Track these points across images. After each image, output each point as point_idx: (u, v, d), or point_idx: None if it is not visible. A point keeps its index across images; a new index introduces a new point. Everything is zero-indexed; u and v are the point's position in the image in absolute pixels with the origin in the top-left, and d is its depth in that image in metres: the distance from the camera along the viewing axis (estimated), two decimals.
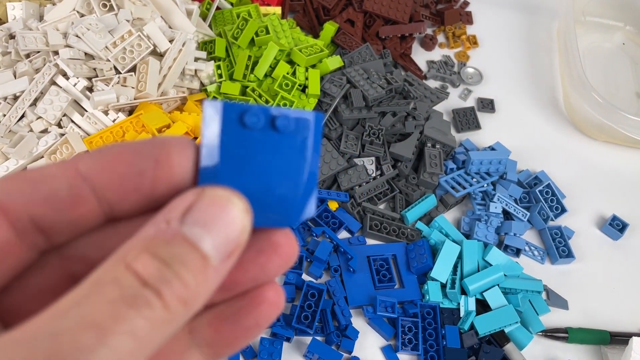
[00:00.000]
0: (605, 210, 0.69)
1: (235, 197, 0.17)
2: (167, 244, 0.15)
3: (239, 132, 0.18)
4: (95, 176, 0.17)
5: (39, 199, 0.17)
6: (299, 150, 0.19)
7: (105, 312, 0.14)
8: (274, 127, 0.19)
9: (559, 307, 0.60)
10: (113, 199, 0.17)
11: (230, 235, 0.16)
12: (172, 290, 0.15)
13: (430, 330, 0.55)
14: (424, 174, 0.64)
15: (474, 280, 0.57)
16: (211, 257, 0.16)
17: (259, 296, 0.19)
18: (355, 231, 0.61)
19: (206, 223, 0.16)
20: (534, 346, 0.57)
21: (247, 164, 0.18)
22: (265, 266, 0.19)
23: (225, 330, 0.19)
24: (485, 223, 0.62)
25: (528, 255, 0.63)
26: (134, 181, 0.17)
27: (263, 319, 0.19)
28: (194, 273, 0.15)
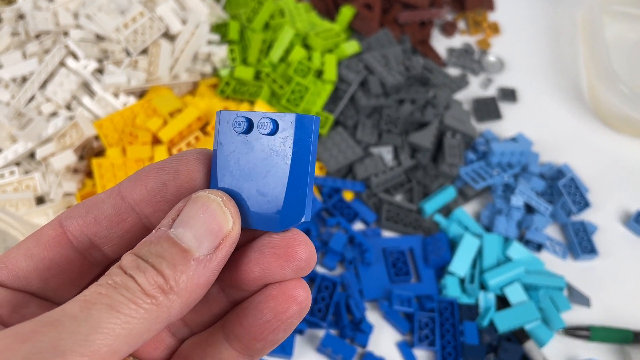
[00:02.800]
0: (629, 205, 0.66)
1: (214, 194, 0.19)
2: (149, 244, 0.18)
3: (233, 138, 0.20)
4: (131, 194, 0.20)
5: (92, 220, 0.20)
6: (282, 153, 0.20)
7: (94, 293, 0.17)
8: (257, 130, 0.20)
9: (580, 304, 0.58)
10: (148, 211, 0.20)
11: (211, 228, 0.18)
12: (146, 277, 0.17)
13: (448, 325, 0.53)
14: (443, 165, 0.62)
15: (494, 275, 0.55)
16: (192, 250, 0.18)
17: (276, 290, 0.20)
18: (370, 222, 0.59)
19: (188, 222, 0.18)
20: (555, 344, 0.55)
21: (239, 167, 0.20)
22: (269, 267, 0.20)
23: (248, 324, 0.20)
24: (506, 217, 0.60)
25: (549, 251, 0.61)
26: (161, 192, 0.20)
27: (281, 312, 0.20)
28: (171, 264, 0.17)
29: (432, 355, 0.52)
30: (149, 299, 0.17)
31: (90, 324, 0.16)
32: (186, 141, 0.54)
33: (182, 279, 0.17)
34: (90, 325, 0.16)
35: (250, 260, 0.20)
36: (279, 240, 0.20)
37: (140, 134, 0.53)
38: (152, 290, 0.17)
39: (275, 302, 0.20)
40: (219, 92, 0.62)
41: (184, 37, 0.60)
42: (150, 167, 0.20)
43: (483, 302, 0.55)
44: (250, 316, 0.20)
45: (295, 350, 0.50)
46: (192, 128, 0.54)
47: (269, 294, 0.20)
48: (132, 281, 0.17)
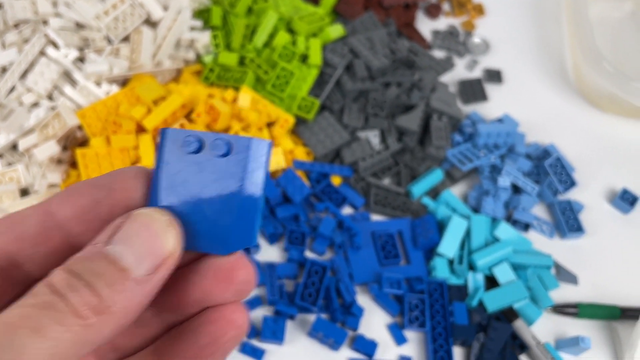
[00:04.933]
0: (615, 183, 0.67)
1: (157, 213, 0.18)
2: (84, 261, 0.17)
3: (181, 157, 0.20)
4: (60, 211, 0.19)
5: (13, 238, 0.19)
6: (235, 176, 0.19)
7: (16, 315, 0.15)
8: (209, 150, 0.19)
9: (568, 282, 0.59)
10: (78, 229, 0.19)
11: (152, 248, 0.18)
12: (78, 297, 0.16)
13: (438, 307, 0.53)
14: (430, 147, 0.62)
15: (482, 255, 0.55)
16: (131, 269, 0.17)
17: (215, 314, 0.20)
18: (359, 206, 0.59)
19: (128, 239, 0.18)
20: (543, 322, 0.55)
21: (186, 187, 0.20)
22: (210, 290, 0.20)
23: (184, 348, 0.20)
24: (493, 197, 0.60)
25: (537, 230, 0.62)
26: (93, 210, 0.19)
27: (220, 336, 0.20)
28: (108, 283, 0.17)
29: (423, 336, 0.53)
30: (80, 320, 0.16)
31: (13, 351, 0.14)
32: None
33: (119, 300, 0.17)
34: (14, 351, 0.14)
35: (190, 282, 0.20)
36: (223, 264, 0.20)
37: (124, 123, 0.52)
38: (85, 311, 0.16)
39: (214, 326, 0.20)
40: (202, 79, 0.61)
41: (165, 24, 0.60)
42: (83, 183, 0.19)
43: (472, 283, 0.55)
44: (186, 340, 0.20)
45: (287, 336, 0.50)
46: (176, 115, 0.54)
47: (208, 317, 0.20)
48: (61, 301, 0.16)
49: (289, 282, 0.54)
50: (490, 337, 0.52)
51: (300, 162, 0.58)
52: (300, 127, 0.61)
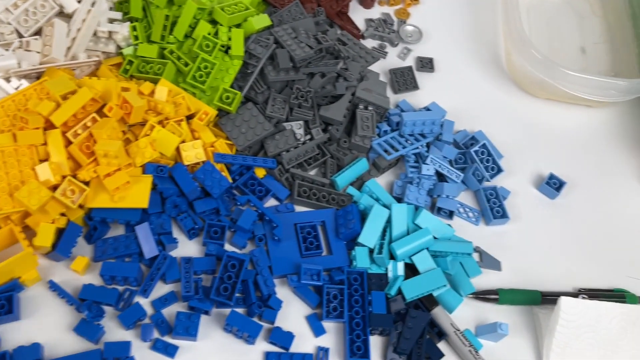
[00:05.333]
0: (543, 169, 0.67)
1: None
2: None
3: None
4: None
5: None
6: None
7: None
8: None
9: (491, 269, 0.59)
10: None
11: None
12: None
13: (357, 296, 0.53)
14: (356, 137, 0.62)
15: (402, 244, 0.55)
16: None
17: None
18: (283, 199, 0.59)
19: None
20: (465, 309, 0.56)
21: None
22: None
23: None
24: (417, 186, 0.60)
25: (462, 217, 0.62)
26: None
27: None
28: None
29: (342, 326, 0.53)
30: None
31: None
32: (82, 124, 0.52)
33: None
34: None
35: None
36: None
37: (31, 119, 0.51)
38: None
39: None
40: (121, 72, 0.60)
41: (80, 16, 0.58)
42: None
43: (392, 272, 0.55)
44: None
45: (200, 331, 0.49)
46: (87, 110, 0.53)
47: None
48: None
49: (206, 277, 0.53)
50: (407, 326, 0.52)
51: (221, 154, 0.57)
52: (222, 119, 0.60)
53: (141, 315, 0.49)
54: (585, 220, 0.65)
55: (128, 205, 0.51)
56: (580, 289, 0.59)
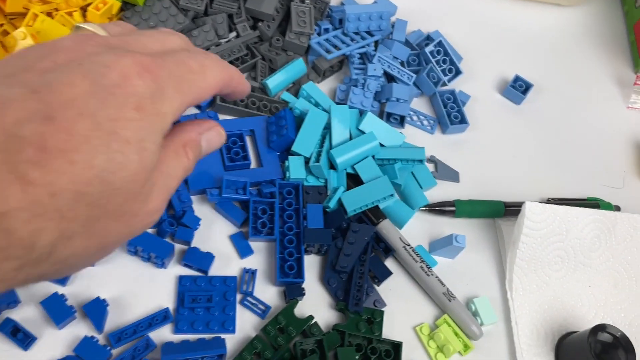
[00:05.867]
0: (508, 72, 0.59)
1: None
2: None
3: None
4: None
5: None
6: None
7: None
8: None
9: (449, 180, 0.52)
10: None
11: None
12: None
13: (290, 211, 0.45)
14: (290, 35, 0.53)
15: (342, 150, 0.47)
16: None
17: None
18: (204, 106, 0.50)
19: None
20: (417, 223, 0.48)
21: None
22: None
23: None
24: (362, 88, 0.52)
25: (415, 125, 0.54)
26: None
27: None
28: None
29: (273, 246, 0.45)
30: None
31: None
32: None
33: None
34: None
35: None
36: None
37: None
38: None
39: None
40: None
41: None
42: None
43: (332, 183, 0.47)
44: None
45: None
46: None
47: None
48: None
49: None
50: (348, 241, 0.44)
51: None
52: (127, 12, 0.50)
53: None
54: (555, 126, 0.57)
55: None
56: (549, 199, 0.52)
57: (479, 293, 0.46)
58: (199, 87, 0.27)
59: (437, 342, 0.43)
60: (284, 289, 0.43)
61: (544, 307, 0.46)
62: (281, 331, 0.41)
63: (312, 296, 0.43)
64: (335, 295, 0.43)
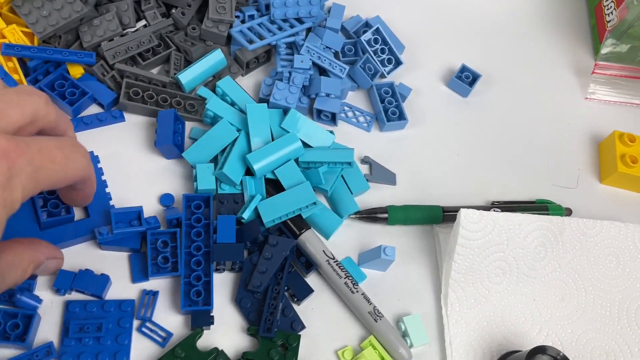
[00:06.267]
0: (454, 62, 0.54)
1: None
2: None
3: None
4: None
5: None
6: None
7: None
8: None
9: (384, 183, 0.47)
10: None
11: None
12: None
13: (199, 228, 0.40)
14: (207, 22, 0.48)
15: (260, 155, 0.42)
16: None
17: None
18: (107, 104, 0.45)
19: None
20: (347, 232, 0.44)
21: None
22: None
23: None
24: (287, 82, 0.47)
25: (350, 122, 0.49)
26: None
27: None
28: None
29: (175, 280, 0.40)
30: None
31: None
32: None
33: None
34: None
35: None
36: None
37: None
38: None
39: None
40: None
41: None
42: None
43: (248, 191, 0.42)
44: None
45: None
46: None
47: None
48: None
49: None
50: (264, 256, 0.39)
51: (11, 45, 0.42)
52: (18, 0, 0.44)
53: None
54: (505, 120, 0.53)
55: None
56: (494, 202, 0.48)
57: (412, 310, 0.42)
58: (56, 179, 0.27)
59: None
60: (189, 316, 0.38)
61: (482, 324, 0.42)
62: None
63: (222, 318, 0.39)
64: (247, 317, 0.39)
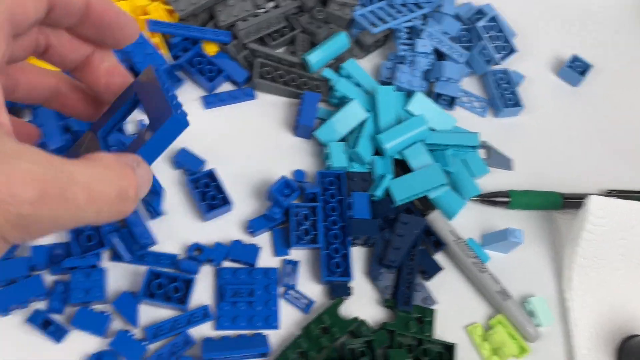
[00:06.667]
0: (564, 51, 0.55)
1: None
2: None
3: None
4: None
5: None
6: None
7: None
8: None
9: (501, 168, 0.48)
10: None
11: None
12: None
13: (334, 203, 0.42)
14: (333, 5, 0.49)
15: (390, 135, 0.43)
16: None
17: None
18: (241, 82, 0.47)
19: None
20: (468, 214, 0.45)
21: None
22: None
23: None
24: (409, 66, 0.48)
25: (466, 107, 0.50)
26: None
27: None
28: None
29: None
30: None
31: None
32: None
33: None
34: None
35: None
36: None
37: None
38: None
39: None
40: None
41: None
42: None
43: (377, 169, 0.44)
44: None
45: None
46: None
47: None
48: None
49: None
50: (397, 233, 0.41)
51: (157, 22, 0.44)
52: None
53: None
54: (616, 111, 0.53)
55: None
56: (609, 191, 0.48)
57: (533, 291, 0.43)
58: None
59: (492, 344, 0.40)
60: (328, 286, 0.40)
61: (604, 308, 0.43)
62: (324, 331, 0.38)
63: (356, 290, 0.40)
64: (382, 291, 0.40)
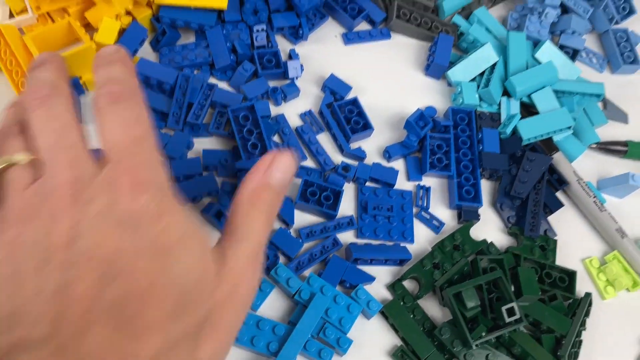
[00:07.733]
0: None
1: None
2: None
3: None
4: None
5: None
6: None
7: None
8: None
9: (617, 121, 0.50)
10: None
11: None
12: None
13: (464, 137, 0.45)
14: None
15: (522, 79, 0.46)
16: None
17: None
18: (378, 22, 0.50)
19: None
20: (585, 159, 0.48)
21: None
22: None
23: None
24: (538, 17, 0.50)
25: (585, 62, 0.52)
26: None
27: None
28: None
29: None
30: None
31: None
32: None
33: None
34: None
35: None
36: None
37: None
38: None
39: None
40: None
41: None
42: None
43: (506, 110, 0.47)
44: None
45: None
46: None
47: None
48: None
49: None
50: (524, 168, 0.44)
51: None
52: None
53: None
54: None
55: (203, 3, 0.43)
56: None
57: None
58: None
59: (607, 276, 0.43)
60: (456, 212, 0.43)
61: None
62: (456, 248, 0.42)
63: (482, 218, 0.44)
64: (507, 220, 0.44)
